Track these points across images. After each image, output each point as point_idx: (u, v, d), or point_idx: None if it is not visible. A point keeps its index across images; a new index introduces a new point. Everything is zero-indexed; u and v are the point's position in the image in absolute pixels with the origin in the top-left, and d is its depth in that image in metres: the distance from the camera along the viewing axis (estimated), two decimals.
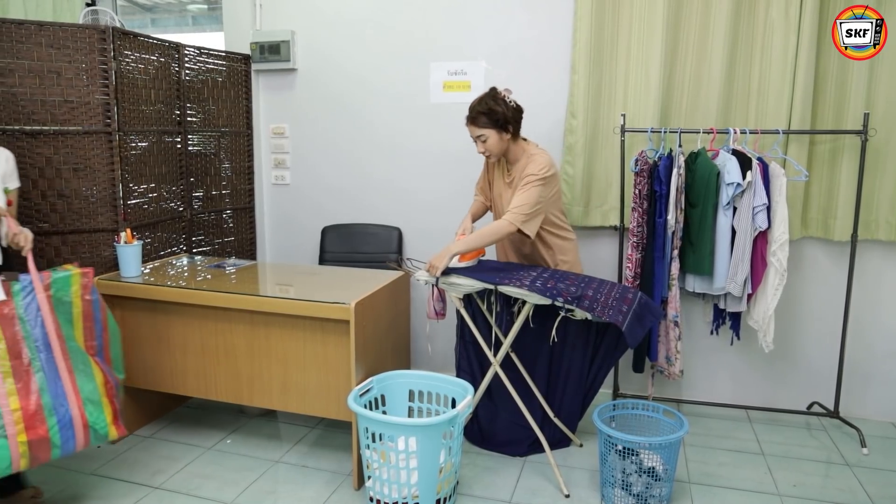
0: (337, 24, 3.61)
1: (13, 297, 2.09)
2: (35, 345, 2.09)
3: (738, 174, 2.77)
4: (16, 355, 2.06)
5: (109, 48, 2.83)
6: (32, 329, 2.10)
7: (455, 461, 2.41)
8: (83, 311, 2.23)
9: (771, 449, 2.93)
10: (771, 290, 2.86)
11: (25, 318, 2.09)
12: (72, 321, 2.21)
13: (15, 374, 2.04)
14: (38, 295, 2.12)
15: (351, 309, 2.42)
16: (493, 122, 2.59)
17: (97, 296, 2.27)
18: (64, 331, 2.17)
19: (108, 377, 2.25)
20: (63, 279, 2.19)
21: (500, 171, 2.82)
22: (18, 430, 2.01)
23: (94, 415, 2.17)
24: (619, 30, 3.13)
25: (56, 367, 2.12)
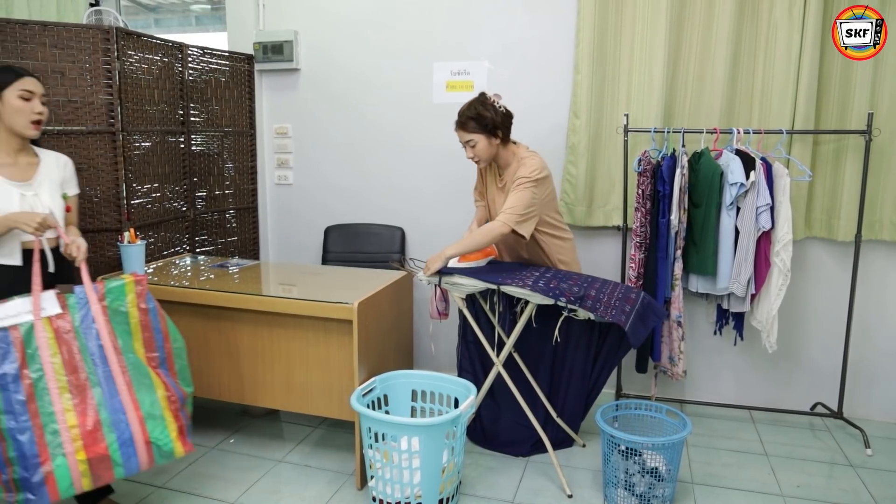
0: (340, 24, 3.61)
1: (69, 309, 2.00)
2: (92, 358, 1.99)
3: (741, 174, 2.76)
4: (72, 370, 1.96)
5: (113, 48, 2.83)
6: (88, 342, 2.00)
7: (458, 461, 2.41)
8: (140, 321, 2.10)
9: (774, 449, 2.92)
10: (774, 290, 2.85)
11: (82, 330, 1.99)
12: (130, 332, 2.09)
13: (72, 390, 1.94)
14: (93, 306, 2.02)
15: (354, 309, 2.42)
16: (481, 127, 2.58)
17: (154, 304, 2.13)
18: (121, 343, 2.05)
19: (172, 390, 2.10)
20: (117, 288, 2.07)
21: (492, 177, 2.82)
22: (77, 447, 1.90)
23: (157, 431, 2.03)
24: (622, 29, 3.13)
25: (114, 381, 2.00)
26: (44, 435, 1.87)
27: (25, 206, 2.06)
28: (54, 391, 1.91)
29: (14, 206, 2.03)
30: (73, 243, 2.08)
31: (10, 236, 2.03)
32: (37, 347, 1.91)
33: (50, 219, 2.00)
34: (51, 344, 1.93)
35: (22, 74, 2.07)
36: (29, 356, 1.90)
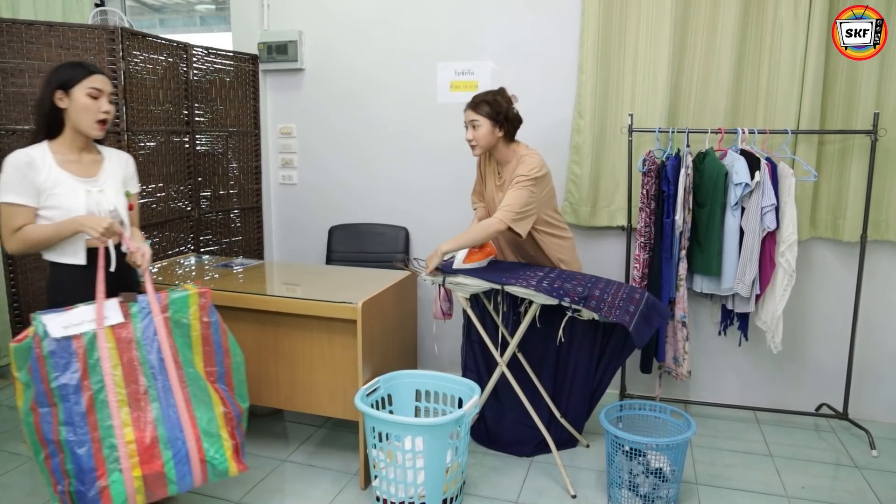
0: (344, 24, 3.62)
1: (131, 319, 1.94)
2: (151, 371, 1.93)
3: (746, 174, 2.76)
4: (132, 382, 1.90)
5: (118, 48, 2.84)
6: (149, 354, 1.94)
7: (461, 461, 2.40)
8: (202, 335, 2.03)
9: (779, 450, 2.91)
10: (779, 290, 2.84)
11: (143, 342, 1.94)
12: (191, 345, 2.02)
13: (131, 403, 1.88)
14: (155, 317, 1.95)
15: (358, 308, 2.42)
16: (491, 112, 2.59)
17: (216, 317, 2.06)
18: (182, 356, 1.99)
19: (229, 407, 2.04)
20: (181, 299, 2.01)
21: (492, 175, 2.81)
22: (133, 463, 1.85)
23: (212, 449, 1.97)
24: (626, 29, 3.13)
25: (172, 395, 1.94)
26: (101, 449, 1.83)
27: (91, 202, 2.03)
28: (113, 404, 1.86)
29: (80, 203, 2.00)
30: (138, 251, 2.02)
31: (75, 236, 2.00)
32: (98, 358, 1.86)
33: (116, 225, 1.95)
34: (112, 355, 1.88)
35: (93, 71, 2.01)
36: (90, 366, 1.85)
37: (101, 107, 2.01)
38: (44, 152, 2.00)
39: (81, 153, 2.08)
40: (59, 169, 2.00)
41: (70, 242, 2.01)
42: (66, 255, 2.03)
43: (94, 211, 2.02)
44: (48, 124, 2.02)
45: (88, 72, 2.00)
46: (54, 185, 1.98)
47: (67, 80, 1.97)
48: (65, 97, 1.98)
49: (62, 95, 1.98)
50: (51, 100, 1.98)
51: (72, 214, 1.98)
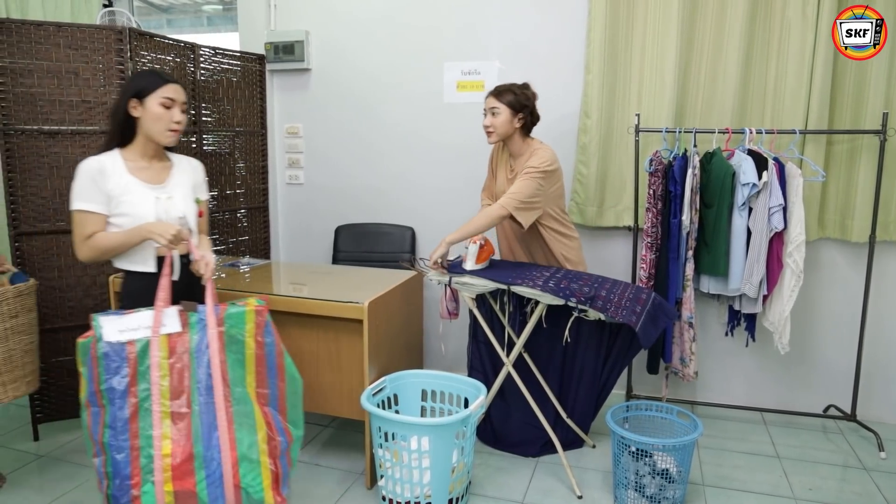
0: (351, 25, 3.62)
1: (189, 328, 1.88)
2: (198, 386, 1.86)
3: (753, 174, 2.75)
4: (177, 395, 1.84)
5: (126, 49, 2.85)
6: (199, 368, 1.86)
7: (467, 461, 2.40)
8: (256, 354, 1.91)
9: (786, 452, 2.90)
10: (787, 291, 2.83)
11: (195, 354, 1.87)
12: (244, 363, 1.91)
13: (173, 416, 1.83)
14: (210, 330, 1.87)
15: (364, 308, 2.43)
16: (513, 102, 2.61)
17: (273, 338, 1.94)
18: (232, 374, 1.89)
19: (275, 434, 1.92)
20: (237, 315, 1.90)
21: (503, 167, 2.82)
22: (165, 478, 1.80)
23: (249, 475, 1.87)
24: (633, 29, 3.12)
25: (215, 414, 1.86)
26: (139, 458, 1.80)
27: (160, 209, 2.02)
28: (156, 414, 1.82)
29: (149, 210, 1.99)
30: (203, 259, 1.98)
31: (144, 243, 1.99)
32: (148, 366, 1.82)
33: (183, 232, 1.93)
34: (162, 364, 1.84)
35: (167, 81, 2.00)
36: (140, 373, 1.82)
37: (174, 116, 2.00)
38: (115, 159, 2.01)
39: (152, 160, 2.08)
40: (130, 175, 2.00)
41: (139, 250, 2.01)
42: (135, 262, 2.03)
43: (163, 218, 2.01)
44: (121, 132, 2.02)
45: (163, 81, 1.99)
46: (124, 191, 1.98)
47: (142, 90, 1.97)
48: (138, 106, 1.98)
49: (136, 104, 1.98)
50: (125, 108, 1.99)
51: (140, 221, 1.97)
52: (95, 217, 1.97)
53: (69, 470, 2.70)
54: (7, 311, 2.40)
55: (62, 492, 2.54)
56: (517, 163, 2.73)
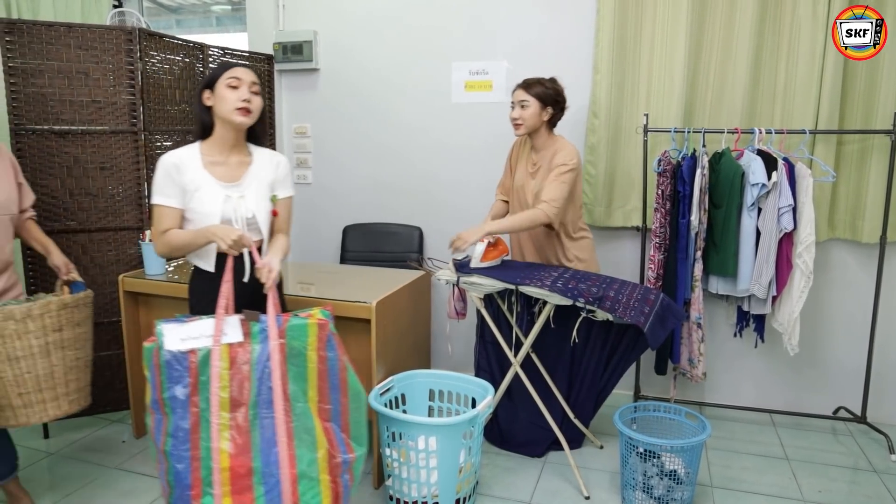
0: (359, 25, 3.63)
1: (251, 339, 1.83)
2: (258, 399, 1.80)
3: (763, 175, 2.73)
4: (237, 407, 1.79)
5: (136, 49, 2.87)
6: (259, 381, 1.80)
7: (475, 461, 2.40)
8: (318, 369, 1.85)
9: (796, 454, 2.88)
10: (796, 292, 2.81)
11: (256, 366, 1.81)
12: (305, 377, 1.85)
13: (232, 429, 1.78)
14: (272, 342, 1.81)
15: (372, 308, 2.43)
16: (542, 95, 2.62)
17: (336, 352, 1.87)
18: (293, 387, 1.84)
19: (336, 451, 1.85)
20: (299, 327, 1.84)
21: (525, 160, 2.81)
22: (224, 491, 1.75)
23: (308, 493, 1.81)
24: (642, 28, 3.11)
25: (275, 428, 1.80)
26: (199, 469, 1.76)
27: (228, 208, 2.00)
28: (215, 426, 1.77)
29: (216, 209, 1.99)
30: (265, 267, 1.91)
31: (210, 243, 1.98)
32: (209, 376, 1.78)
33: (245, 238, 1.90)
34: (223, 375, 1.78)
35: (234, 65, 2.04)
36: (201, 383, 1.78)
37: (241, 95, 1.99)
38: (193, 153, 2.03)
39: (230, 154, 2.07)
40: (204, 170, 2.01)
41: (204, 248, 2.02)
42: (200, 259, 2.07)
43: (230, 217, 2.00)
44: (201, 125, 2.05)
45: (230, 65, 2.03)
46: (196, 187, 1.99)
47: (211, 79, 2.01)
48: (211, 95, 2.01)
49: (209, 94, 2.01)
50: (200, 100, 2.02)
51: (206, 219, 1.98)
52: (170, 211, 2.00)
53: (79, 467, 2.72)
54: (49, 324, 2.14)
55: (73, 489, 2.56)
56: (539, 157, 2.73)
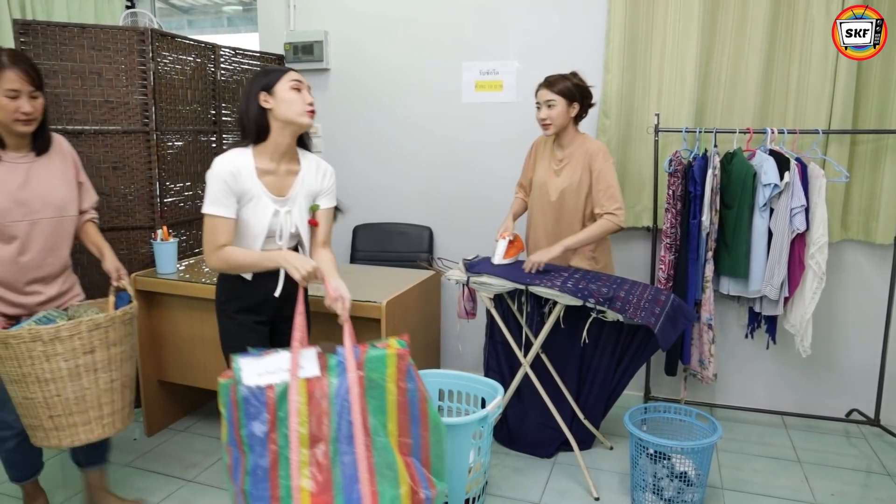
0: (369, 25, 3.63)
1: (327, 372, 1.76)
2: (338, 434, 1.73)
3: (775, 175, 2.71)
4: (316, 443, 1.71)
5: (148, 49, 2.89)
6: (338, 415, 1.73)
7: (484, 461, 2.40)
8: (398, 401, 1.78)
9: (808, 456, 2.86)
10: (809, 293, 2.79)
11: (334, 400, 1.74)
12: (385, 410, 1.77)
13: (312, 466, 1.70)
14: (350, 374, 1.75)
15: (382, 307, 2.43)
16: (568, 92, 2.62)
17: (416, 383, 1.80)
18: (372, 421, 1.76)
19: (419, 486, 1.76)
20: (377, 358, 1.77)
21: (548, 157, 2.81)
22: None
23: None
24: (653, 28, 3.10)
25: (355, 465, 1.72)
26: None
27: (276, 224, 2.00)
28: (294, 463, 1.70)
29: (265, 223, 1.97)
30: (339, 299, 1.86)
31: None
32: (287, 412, 1.71)
33: (319, 271, 1.88)
34: (301, 410, 1.72)
35: (290, 69, 2.01)
36: (279, 419, 1.70)
37: (307, 98, 1.98)
38: (246, 160, 1.96)
39: (280, 162, 2.02)
40: (257, 180, 1.97)
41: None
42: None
43: (275, 232, 2.00)
44: (257, 127, 1.97)
45: (287, 69, 2.01)
46: (251, 198, 1.96)
47: (269, 82, 1.96)
48: (269, 98, 1.95)
49: (266, 97, 1.95)
50: (257, 102, 1.96)
51: (251, 231, 1.98)
52: (227, 223, 1.93)
53: None
54: (79, 346, 1.95)
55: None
56: (565, 154, 2.73)
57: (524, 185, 2.95)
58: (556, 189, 2.73)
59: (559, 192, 2.71)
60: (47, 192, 2.06)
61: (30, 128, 1.98)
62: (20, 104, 1.93)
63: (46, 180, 2.07)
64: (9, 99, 1.91)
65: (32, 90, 1.95)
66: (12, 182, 1.99)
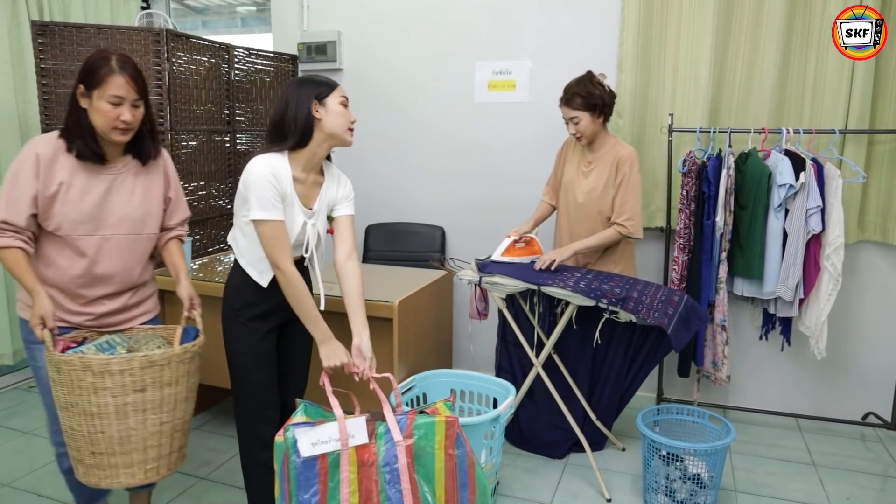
0: (382, 25, 3.64)
1: (375, 439, 1.75)
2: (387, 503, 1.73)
3: (790, 175, 2.69)
4: None
5: (163, 50, 2.91)
6: (387, 484, 1.73)
7: (496, 462, 2.40)
8: (446, 467, 1.77)
9: (822, 459, 2.83)
10: (824, 295, 2.77)
11: (383, 468, 1.73)
12: (432, 477, 1.77)
13: None
14: (398, 444, 1.74)
15: (394, 307, 2.44)
16: (588, 105, 2.60)
17: (465, 449, 1.79)
18: (421, 489, 1.75)
19: None
20: (427, 425, 1.76)
21: (578, 158, 2.80)
22: None
23: None
24: (667, 27, 3.08)
25: None
26: None
27: (303, 236, 1.98)
28: None
29: (295, 233, 1.95)
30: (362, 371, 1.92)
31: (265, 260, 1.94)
32: (338, 482, 1.71)
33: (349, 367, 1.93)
34: (352, 479, 1.72)
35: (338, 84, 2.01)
36: (330, 490, 1.71)
37: (351, 116, 2.00)
38: (283, 164, 1.91)
39: (310, 173, 2.00)
40: (291, 187, 1.94)
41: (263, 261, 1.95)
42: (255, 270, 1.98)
43: (301, 242, 1.99)
44: (303, 134, 1.92)
45: (336, 84, 2.00)
46: (288, 204, 1.92)
47: (321, 93, 1.95)
48: (320, 108, 1.93)
49: (318, 106, 1.93)
50: (308, 109, 1.91)
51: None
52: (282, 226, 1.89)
53: None
54: (129, 383, 1.76)
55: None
56: (595, 156, 2.73)
57: (553, 185, 2.93)
58: (582, 191, 2.73)
59: (585, 195, 2.71)
60: (125, 207, 1.91)
61: (126, 137, 1.84)
62: (121, 112, 1.79)
63: (127, 195, 1.92)
64: (111, 105, 1.78)
65: (136, 98, 1.82)
66: (92, 195, 1.85)
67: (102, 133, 1.82)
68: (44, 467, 2.72)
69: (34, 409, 3.28)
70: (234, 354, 2.07)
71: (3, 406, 3.33)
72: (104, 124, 1.80)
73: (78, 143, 1.81)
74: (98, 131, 1.82)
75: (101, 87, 1.77)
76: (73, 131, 1.81)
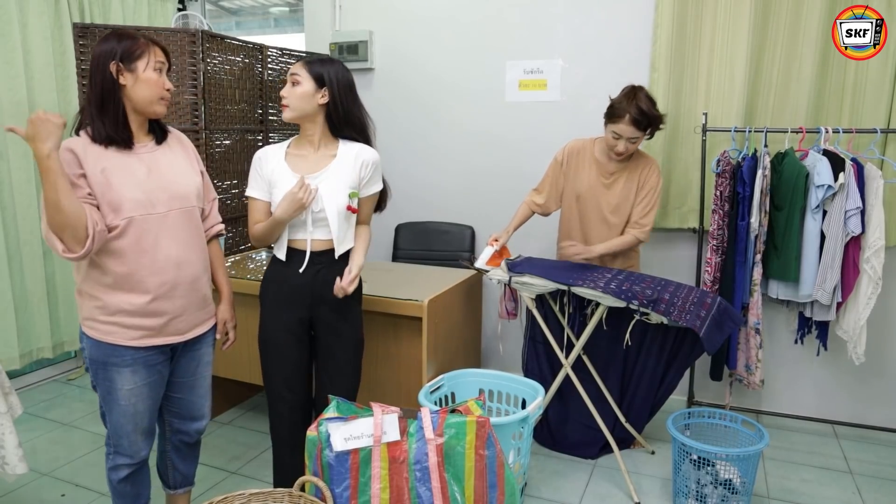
0: (413, 24, 3.65)
1: (407, 437, 1.77)
2: (417, 501, 1.75)
3: (829, 176, 2.63)
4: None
5: (199, 50, 2.95)
6: (417, 482, 1.74)
7: (524, 462, 2.39)
8: (476, 468, 1.78)
9: (860, 468, 2.77)
10: (863, 299, 2.70)
11: (413, 466, 1.75)
12: (462, 478, 1.77)
13: None
14: (429, 442, 1.75)
15: (424, 306, 2.44)
16: (651, 129, 2.59)
17: (495, 450, 1.79)
18: (451, 489, 1.76)
19: None
20: (458, 425, 1.76)
21: (595, 168, 2.75)
22: None
23: None
24: (702, 25, 3.03)
25: None
26: None
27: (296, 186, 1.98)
28: None
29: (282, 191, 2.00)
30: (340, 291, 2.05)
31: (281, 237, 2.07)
32: (370, 477, 1.74)
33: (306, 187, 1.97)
34: (382, 476, 1.74)
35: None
36: (361, 485, 1.73)
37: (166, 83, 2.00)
38: (282, 146, 2.13)
39: (318, 149, 2.09)
40: (283, 162, 2.08)
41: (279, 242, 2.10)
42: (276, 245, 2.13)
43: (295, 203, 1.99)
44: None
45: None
46: (277, 179, 2.05)
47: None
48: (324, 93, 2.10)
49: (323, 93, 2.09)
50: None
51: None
52: (258, 204, 2.10)
53: None
54: None
55: None
56: (618, 166, 2.71)
57: (553, 191, 2.85)
58: (608, 203, 2.71)
59: (614, 207, 2.70)
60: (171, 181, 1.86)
61: (165, 109, 1.84)
62: (165, 80, 1.80)
63: (168, 168, 1.87)
64: (157, 73, 1.77)
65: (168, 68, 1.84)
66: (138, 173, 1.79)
67: (146, 107, 1.78)
68: (81, 458, 2.79)
69: (73, 402, 3.37)
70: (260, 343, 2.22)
71: (43, 398, 3.42)
72: (151, 95, 1.77)
73: (109, 128, 1.75)
74: (141, 106, 1.78)
75: (143, 57, 1.75)
76: (106, 113, 1.74)
